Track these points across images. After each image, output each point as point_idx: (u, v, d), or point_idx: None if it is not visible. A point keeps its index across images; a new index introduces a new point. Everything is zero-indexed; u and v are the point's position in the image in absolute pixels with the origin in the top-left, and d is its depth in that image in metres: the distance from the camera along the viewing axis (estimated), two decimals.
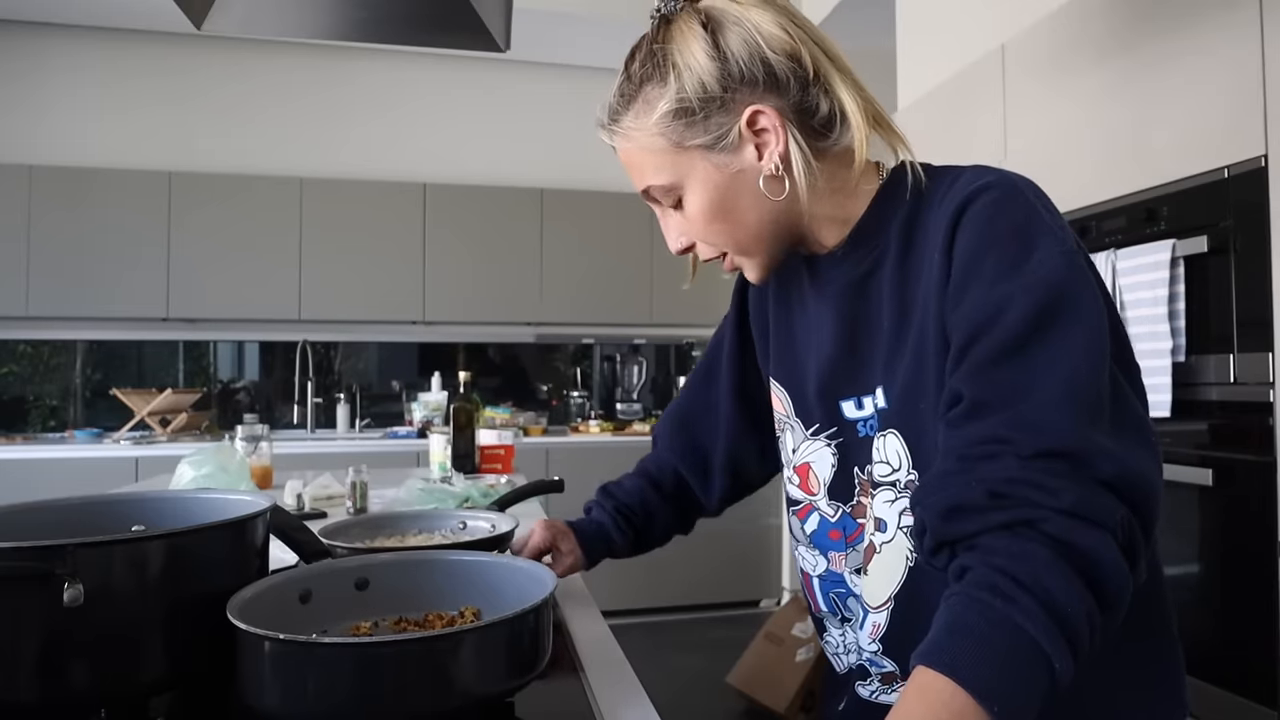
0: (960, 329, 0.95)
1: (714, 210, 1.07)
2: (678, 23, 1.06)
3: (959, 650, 0.75)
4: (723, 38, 1.02)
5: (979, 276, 0.94)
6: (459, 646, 0.87)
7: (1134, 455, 0.85)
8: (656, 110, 1.04)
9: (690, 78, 1.02)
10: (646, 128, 1.06)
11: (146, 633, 0.91)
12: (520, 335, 6.36)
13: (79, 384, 5.94)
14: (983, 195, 0.98)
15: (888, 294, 1.08)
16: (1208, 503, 2.30)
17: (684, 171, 1.06)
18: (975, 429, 0.88)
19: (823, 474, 1.19)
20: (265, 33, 2.23)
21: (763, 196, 1.06)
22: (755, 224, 1.09)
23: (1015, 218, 0.96)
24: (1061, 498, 0.80)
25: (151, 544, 0.92)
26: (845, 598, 1.19)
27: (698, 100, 1.02)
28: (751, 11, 1.03)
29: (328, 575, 1.13)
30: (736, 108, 1.03)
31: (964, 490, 0.85)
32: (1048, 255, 0.92)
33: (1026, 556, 0.79)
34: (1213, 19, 2.33)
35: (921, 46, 4.27)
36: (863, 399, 1.13)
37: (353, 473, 2.40)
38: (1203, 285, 2.33)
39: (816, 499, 1.20)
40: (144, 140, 5.79)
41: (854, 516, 1.16)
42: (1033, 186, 1.00)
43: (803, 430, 1.22)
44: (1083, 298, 0.91)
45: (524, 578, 1.12)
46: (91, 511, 1.14)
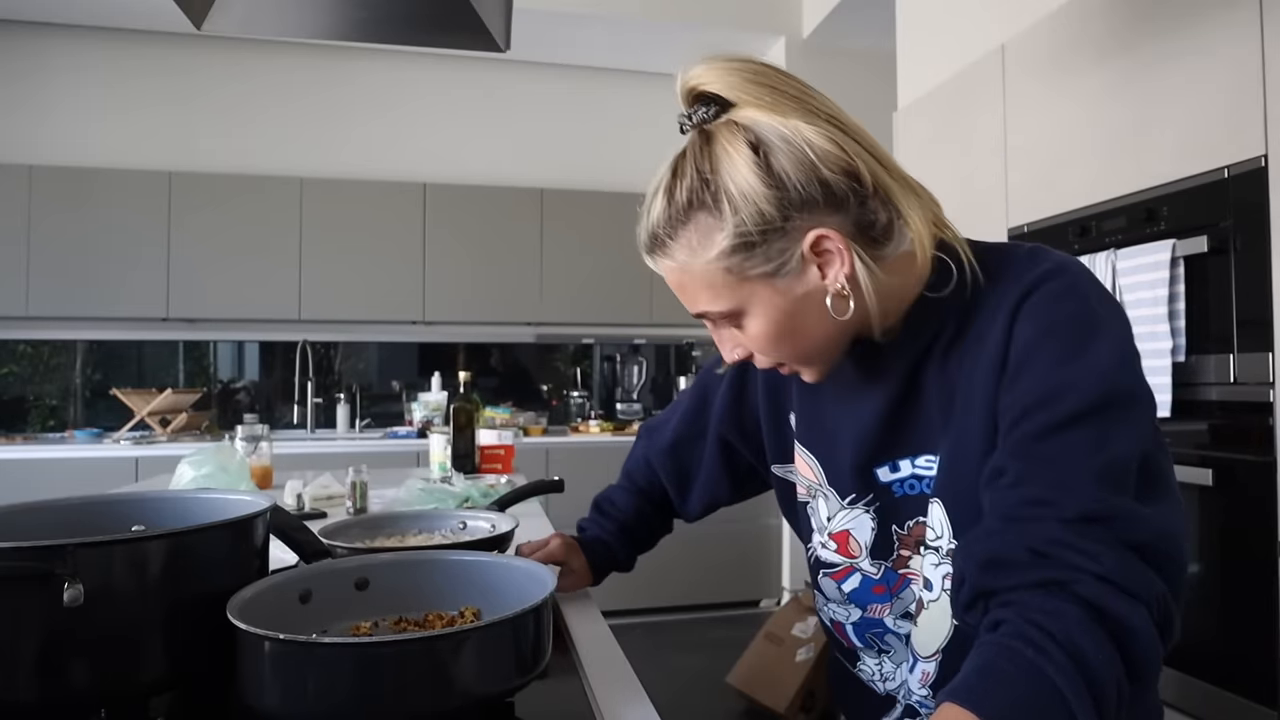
0: (1012, 410, 0.97)
1: (778, 333, 1.05)
2: (720, 141, 0.99)
3: (986, 690, 0.78)
4: (775, 160, 0.96)
5: (1036, 364, 0.97)
6: (459, 646, 0.87)
7: (1168, 523, 0.89)
8: (714, 244, 0.99)
9: (747, 207, 0.97)
10: (703, 261, 1.01)
11: (146, 633, 0.91)
12: (520, 335, 6.36)
13: (79, 384, 5.94)
14: (1044, 285, 1.00)
15: (938, 371, 1.09)
16: (1208, 503, 2.30)
17: (744, 298, 1.02)
18: (1019, 493, 0.91)
19: (863, 538, 1.20)
20: (265, 33, 2.22)
21: (828, 315, 1.03)
22: (821, 339, 1.07)
23: (1074, 310, 0.99)
24: (1101, 563, 0.82)
25: (151, 544, 0.92)
26: (883, 634, 1.21)
27: (757, 231, 0.97)
28: (801, 127, 0.97)
29: (328, 575, 1.13)
30: (797, 232, 0.98)
31: (1006, 546, 0.88)
32: (1104, 350, 0.95)
33: (1062, 615, 0.80)
34: (1213, 19, 2.33)
35: (921, 46, 4.27)
36: (898, 462, 1.14)
37: (353, 473, 2.40)
38: (1203, 285, 2.33)
39: (858, 560, 1.21)
40: (144, 140, 5.79)
41: (896, 569, 1.17)
42: (1090, 276, 1.03)
43: (838, 499, 1.22)
44: (1134, 392, 0.96)
45: (524, 578, 1.12)
46: (91, 511, 1.14)
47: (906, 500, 1.14)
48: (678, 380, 6.36)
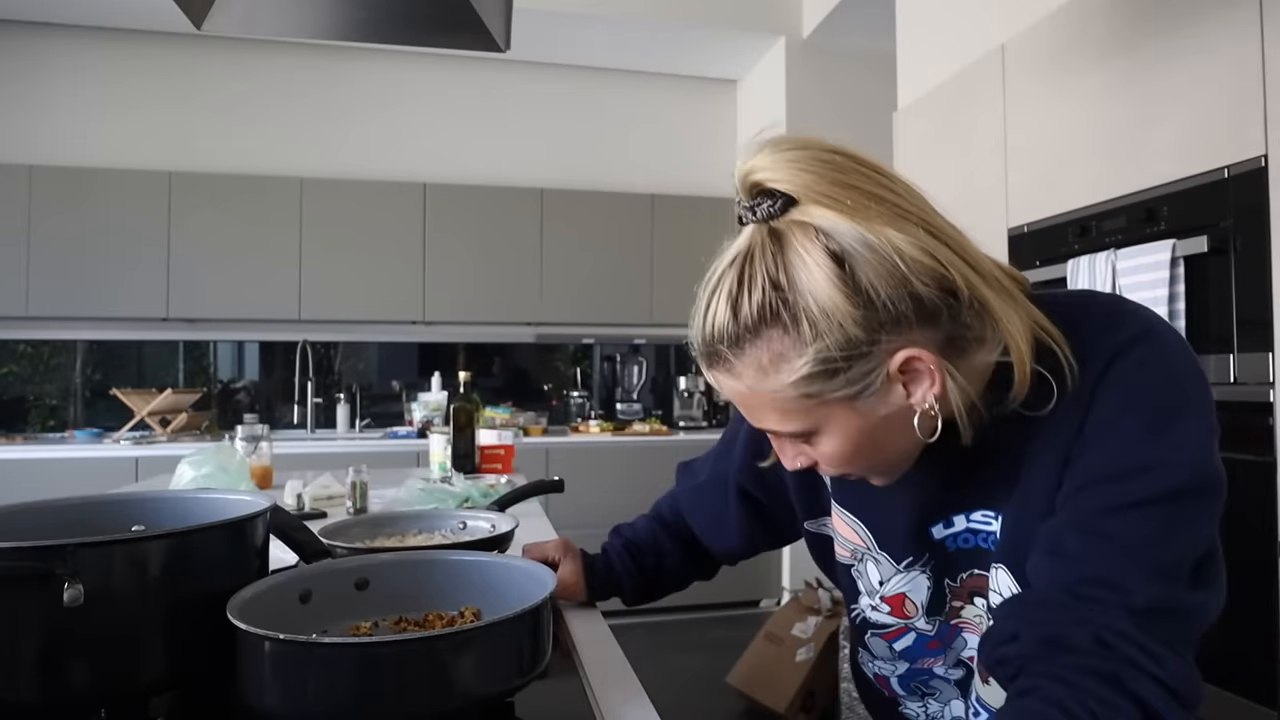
0: (1082, 478, 0.93)
1: (853, 453, 0.97)
2: (794, 246, 0.87)
3: None
4: (861, 273, 0.85)
5: (1115, 435, 0.92)
6: (459, 646, 0.87)
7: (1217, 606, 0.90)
8: (790, 369, 0.89)
9: (830, 328, 0.86)
10: (775, 384, 0.91)
11: (146, 633, 0.91)
12: (520, 335, 6.36)
13: (79, 384, 5.93)
14: (1130, 351, 0.93)
15: (1008, 433, 1.00)
16: None
17: (818, 420, 0.94)
18: (1083, 569, 0.88)
19: (919, 598, 1.15)
20: (265, 33, 2.22)
21: (912, 432, 0.95)
22: (898, 454, 1.00)
23: (1160, 382, 0.92)
24: (1164, 666, 0.81)
25: (151, 544, 0.92)
26: (929, 680, 1.19)
27: (842, 355, 0.87)
28: (888, 233, 0.86)
29: (328, 575, 1.13)
30: (882, 352, 0.88)
31: (1070, 628, 0.84)
32: (1189, 431, 0.91)
33: (1114, 710, 0.79)
34: (1213, 19, 2.33)
35: (922, 46, 4.27)
36: (953, 518, 1.09)
37: (353, 473, 2.40)
38: (1203, 285, 2.33)
39: (913, 620, 1.17)
40: (144, 140, 5.79)
41: (949, 620, 1.14)
42: (1177, 341, 0.96)
43: (891, 564, 1.16)
44: (1215, 480, 0.91)
45: (524, 578, 1.12)
46: (91, 511, 1.14)
47: (960, 554, 1.10)
48: (678, 380, 6.35)
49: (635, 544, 1.54)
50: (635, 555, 1.53)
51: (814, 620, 3.97)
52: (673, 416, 6.35)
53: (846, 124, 5.77)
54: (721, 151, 6.71)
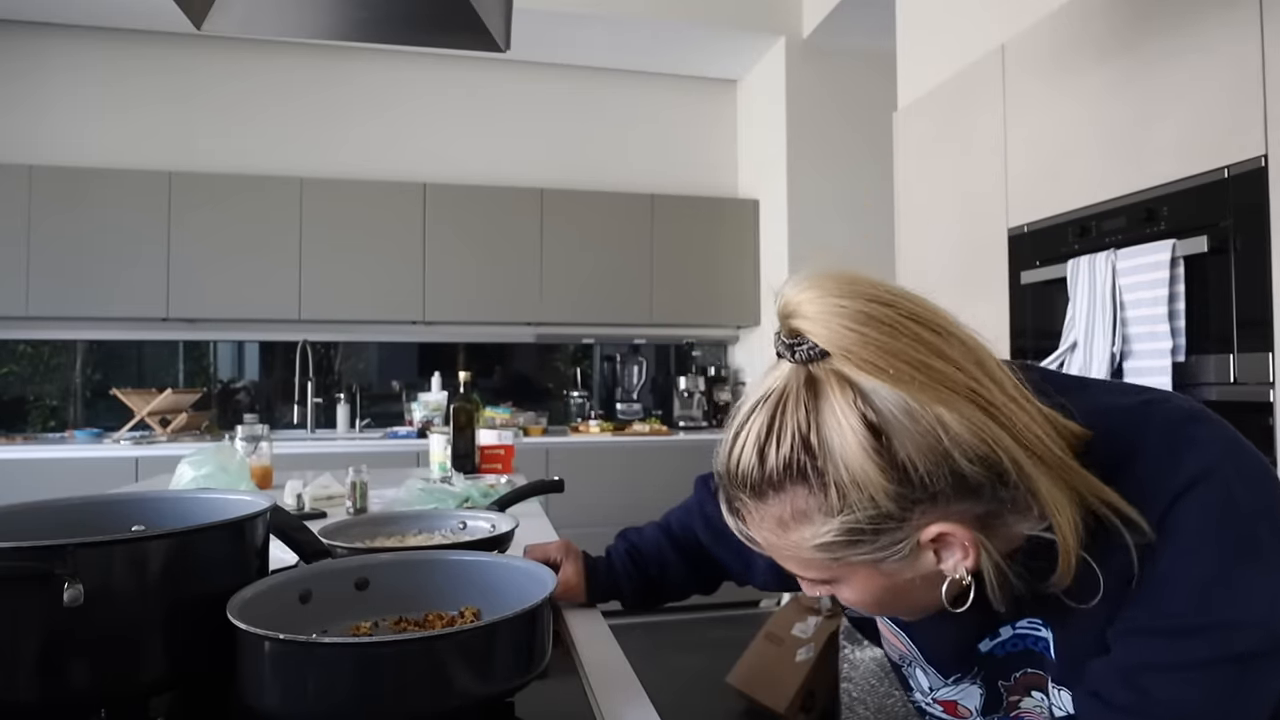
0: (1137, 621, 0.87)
1: (875, 604, 0.93)
2: (829, 402, 0.81)
3: None
4: (899, 446, 0.80)
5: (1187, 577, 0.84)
6: (459, 646, 0.87)
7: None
8: (812, 531, 0.85)
9: (860, 500, 0.81)
10: (795, 541, 0.86)
11: (146, 633, 0.91)
12: (520, 335, 6.35)
13: (79, 384, 5.94)
14: (1193, 492, 0.84)
15: None
16: None
17: (839, 574, 0.90)
18: None
19: (973, 704, 1.11)
20: (265, 33, 2.22)
21: (938, 590, 0.90)
22: (924, 606, 0.95)
23: (1244, 524, 0.83)
24: None
25: (151, 544, 0.92)
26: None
27: (869, 525, 0.82)
28: (934, 405, 0.80)
29: (328, 575, 1.13)
30: (914, 522, 0.83)
31: None
32: (1259, 587, 0.82)
33: None
34: (1213, 18, 2.33)
35: (922, 46, 4.27)
36: (999, 630, 1.03)
37: (353, 473, 2.40)
38: (1203, 285, 2.33)
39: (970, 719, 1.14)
40: (144, 140, 5.79)
41: (1008, 714, 1.09)
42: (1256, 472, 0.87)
43: (939, 677, 1.13)
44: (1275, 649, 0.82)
45: (524, 578, 1.12)
46: (91, 511, 1.14)
47: (1012, 658, 1.04)
48: (677, 380, 6.35)
49: (640, 551, 1.53)
50: (638, 562, 1.52)
51: (814, 620, 3.97)
52: (673, 416, 6.34)
53: (847, 124, 5.79)
54: (721, 151, 6.71)
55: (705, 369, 6.50)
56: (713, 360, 6.75)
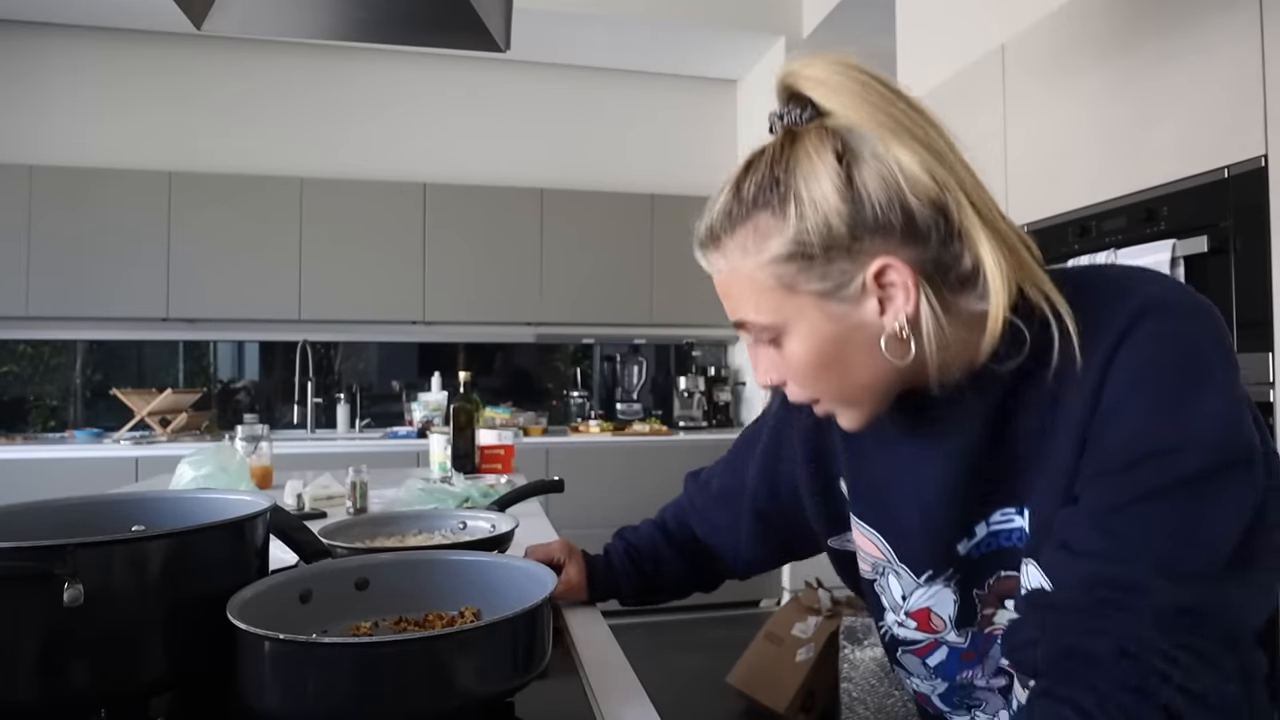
0: (1097, 466, 0.89)
1: (819, 361, 0.96)
2: (806, 143, 0.91)
3: None
4: (858, 172, 0.89)
5: (1128, 416, 0.87)
6: (459, 646, 0.87)
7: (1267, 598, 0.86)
8: (769, 247, 0.92)
9: (815, 216, 0.89)
10: (754, 263, 0.93)
11: (146, 633, 0.91)
12: (520, 335, 6.36)
13: (79, 384, 5.94)
14: (1145, 323, 0.89)
15: (1017, 426, 0.98)
16: None
17: (789, 315, 0.94)
18: (1109, 566, 0.84)
19: (946, 612, 1.10)
20: (265, 33, 2.23)
21: (879, 355, 0.93)
22: (865, 381, 0.97)
23: (1182, 355, 0.88)
24: (1192, 678, 0.78)
25: (151, 544, 0.92)
26: (972, 692, 1.14)
27: (820, 243, 0.89)
28: (896, 146, 0.88)
29: (328, 575, 1.13)
30: (863, 257, 0.90)
31: (1090, 638, 0.82)
32: (1214, 406, 0.86)
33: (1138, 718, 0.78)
34: (1213, 19, 2.33)
35: (921, 46, 4.27)
36: (974, 528, 1.05)
37: (353, 473, 2.40)
38: (1202, 285, 2.33)
39: (943, 634, 1.12)
40: (144, 140, 5.79)
41: (982, 630, 1.10)
42: (1199, 308, 0.91)
43: (912, 577, 1.12)
44: (1244, 456, 0.85)
45: (524, 578, 1.12)
46: (91, 511, 1.14)
47: (986, 560, 1.05)
48: (677, 380, 6.35)
49: (636, 548, 1.53)
50: (635, 559, 1.52)
51: (814, 620, 3.97)
52: (673, 416, 6.35)
53: None
54: (721, 151, 6.71)
55: (705, 369, 6.51)
56: (713, 360, 6.76)
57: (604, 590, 1.51)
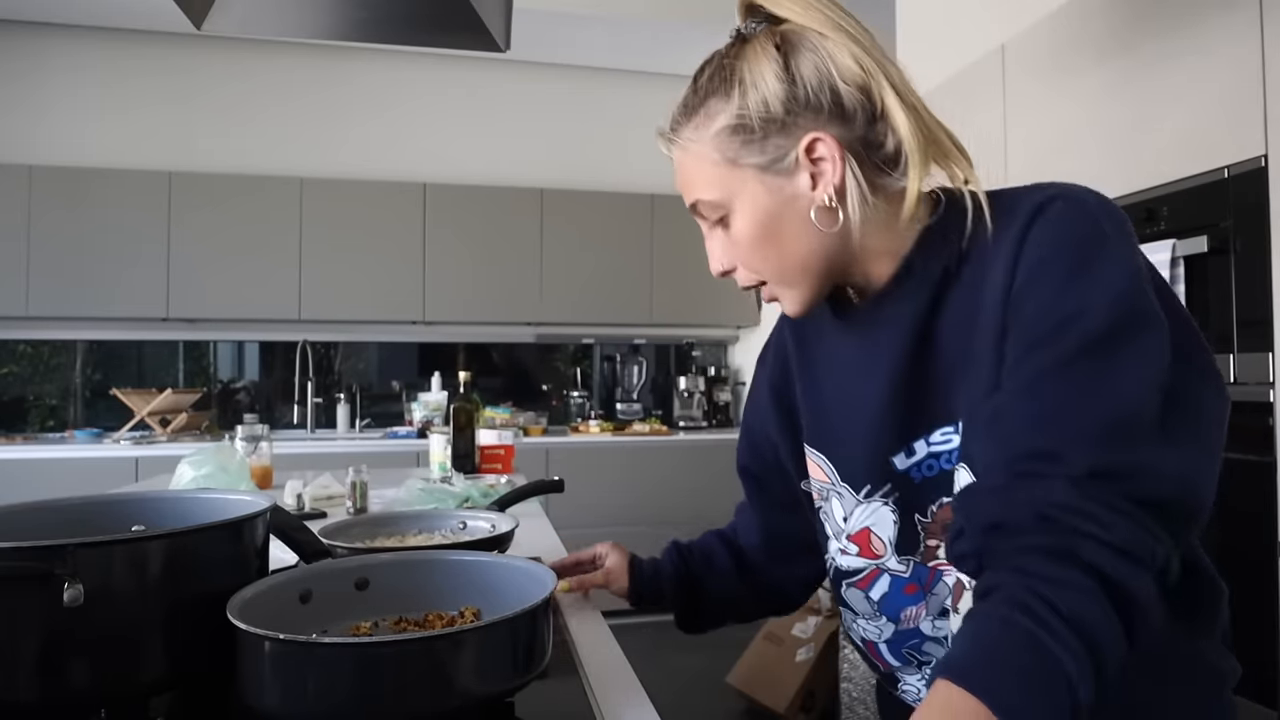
0: (1018, 339, 0.93)
1: (760, 234, 1.04)
2: (753, 42, 1.03)
3: (990, 672, 0.74)
4: (794, 60, 1.00)
5: (1042, 287, 0.92)
6: (459, 646, 0.87)
7: (1189, 467, 0.85)
8: (715, 123, 1.03)
9: (754, 95, 1.00)
10: (703, 139, 1.04)
11: (146, 633, 0.91)
12: (520, 335, 6.36)
13: (79, 384, 5.94)
14: (1052, 205, 0.96)
15: (944, 330, 1.04)
16: None
17: (734, 189, 1.03)
18: (1026, 441, 0.87)
19: (885, 533, 1.13)
20: (265, 33, 2.23)
21: (812, 226, 1.02)
22: (802, 253, 1.05)
23: (1084, 230, 0.94)
24: (1109, 530, 0.79)
25: (151, 544, 0.92)
26: (921, 645, 1.14)
27: (758, 119, 1.00)
28: (828, 40, 0.99)
29: (328, 575, 1.13)
30: (797, 132, 1.00)
31: (1010, 508, 0.84)
32: (1114, 272, 0.90)
33: (1066, 585, 0.77)
34: (1213, 19, 2.33)
35: (921, 46, 4.27)
36: (913, 445, 1.08)
37: (353, 473, 2.40)
38: (1203, 285, 2.33)
39: (884, 560, 1.14)
40: (144, 140, 5.79)
41: (925, 562, 1.11)
42: (1102, 200, 0.98)
43: (852, 495, 1.15)
44: (1146, 315, 0.89)
45: (524, 578, 1.12)
46: (91, 511, 1.14)
47: (927, 484, 1.08)
48: (677, 380, 6.35)
49: (686, 546, 1.51)
50: (684, 554, 1.49)
51: (814, 620, 3.97)
52: (673, 416, 6.35)
53: None
54: None
55: (705, 369, 6.51)
56: (713, 360, 6.76)
57: (648, 586, 1.48)
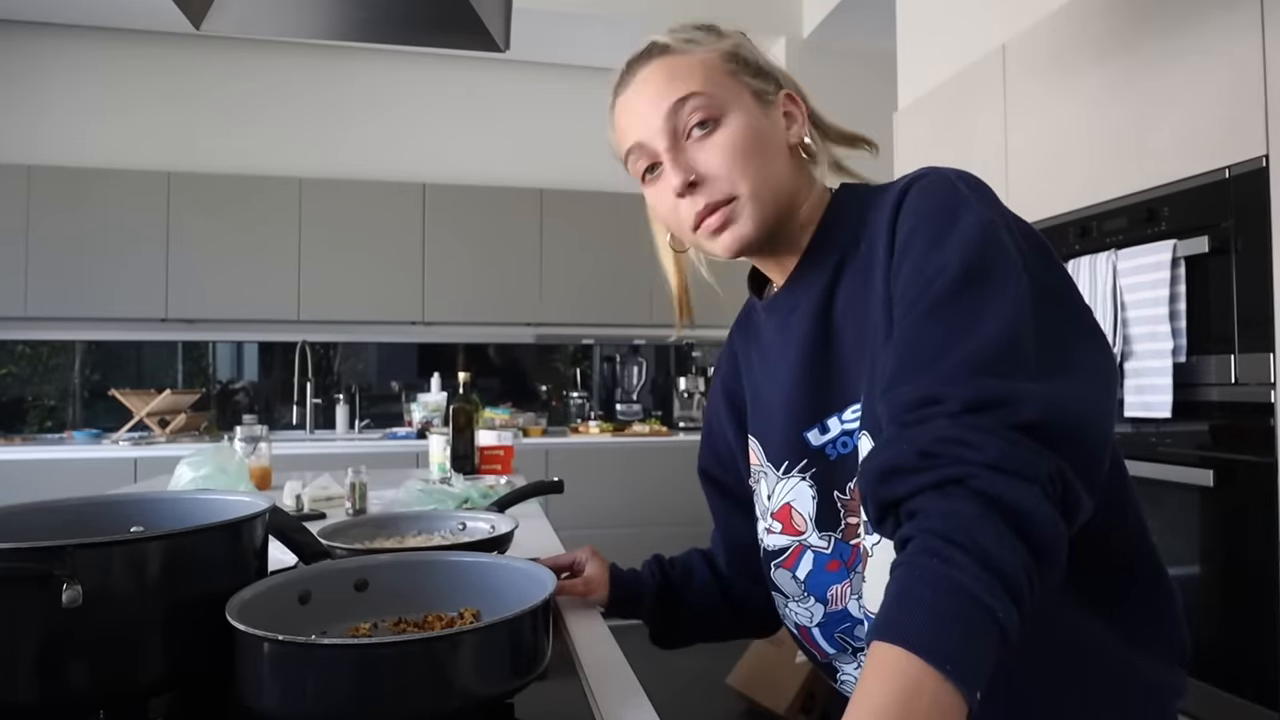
0: (897, 305, 0.98)
1: (751, 144, 1.11)
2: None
3: (905, 619, 0.73)
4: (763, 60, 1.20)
5: (914, 253, 0.98)
6: (458, 648, 0.87)
7: (1066, 394, 0.85)
8: (719, 45, 1.15)
9: (750, 48, 1.18)
10: (710, 47, 1.14)
11: (145, 634, 0.91)
12: (520, 335, 6.36)
13: (78, 384, 5.94)
14: (917, 183, 1.04)
15: (845, 308, 1.12)
16: (1208, 504, 2.30)
17: (731, 97, 1.12)
18: (906, 392, 0.88)
19: (805, 509, 1.17)
20: (264, 33, 2.22)
21: (788, 156, 1.16)
22: (776, 174, 1.13)
23: (944, 196, 1.00)
24: (986, 452, 0.79)
25: (150, 545, 0.92)
26: (853, 628, 1.15)
27: (751, 57, 1.17)
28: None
29: (327, 576, 1.13)
30: (776, 85, 1.18)
31: (896, 455, 0.84)
32: (970, 224, 0.95)
33: (956, 514, 0.77)
34: (1213, 19, 2.33)
35: (922, 46, 4.27)
36: (826, 422, 1.13)
37: (352, 473, 2.40)
38: (1204, 285, 2.33)
39: (805, 536, 1.17)
40: (143, 140, 5.79)
41: (847, 540, 1.13)
42: (961, 171, 1.05)
43: (775, 473, 1.21)
44: (999, 258, 0.93)
45: (523, 579, 1.12)
46: (90, 512, 1.14)
47: (843, 461, 1.11)
48: (677, 381, 6.35)
49: (667, 559, 1.51)
50: (664, 567, 1.50)
51: None
52: (673, 417, 6.35)
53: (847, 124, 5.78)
54: None
55: (705, 369, 6.50)
56: (713, 361, 6.74)
57: (626, 593, 1.47)
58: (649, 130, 1.14)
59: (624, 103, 1.19)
